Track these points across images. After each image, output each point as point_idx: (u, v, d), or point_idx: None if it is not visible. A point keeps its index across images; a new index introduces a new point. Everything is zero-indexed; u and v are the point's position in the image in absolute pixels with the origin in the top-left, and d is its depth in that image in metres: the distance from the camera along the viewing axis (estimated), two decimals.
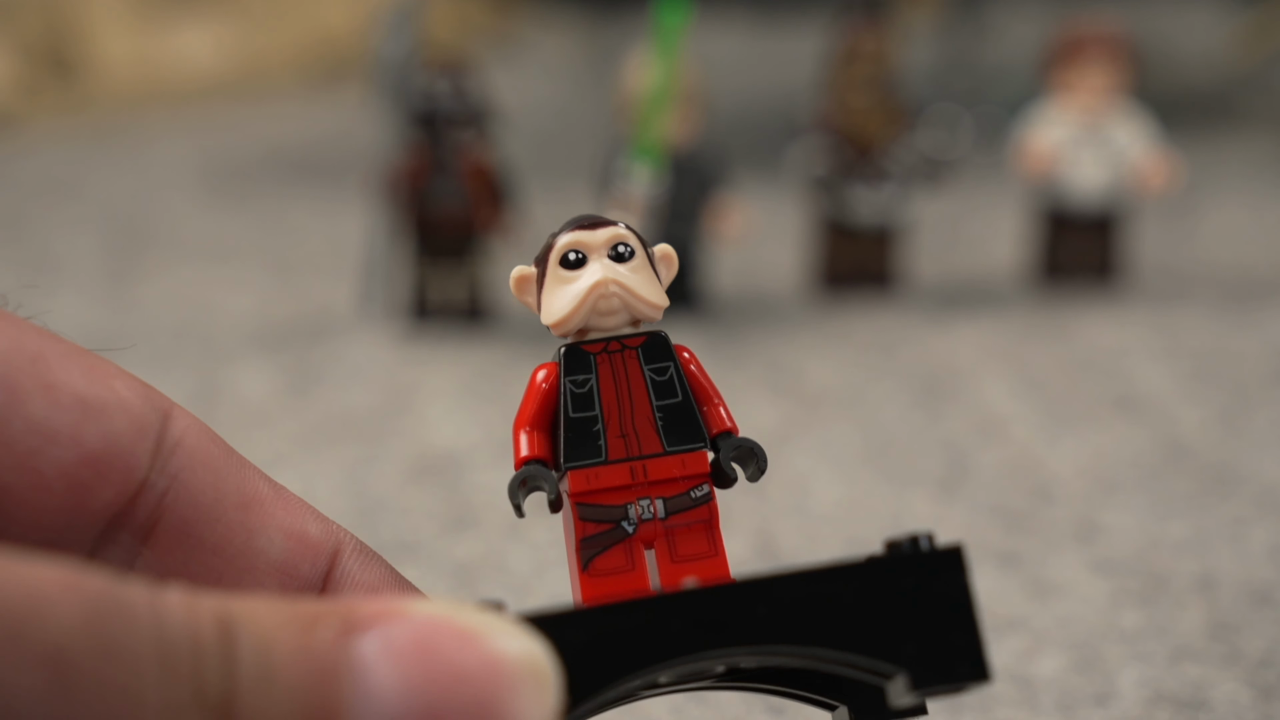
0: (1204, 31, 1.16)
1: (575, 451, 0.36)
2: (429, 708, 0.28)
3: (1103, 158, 0.74)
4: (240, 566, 0.35)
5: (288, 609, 0.29)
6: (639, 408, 0.36)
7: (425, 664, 0.28)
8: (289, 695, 0.28)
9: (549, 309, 0.36)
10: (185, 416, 0.35)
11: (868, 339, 0.70)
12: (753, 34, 1.10)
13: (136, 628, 0.28)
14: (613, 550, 0.36)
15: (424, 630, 0.29)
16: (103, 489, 0.34)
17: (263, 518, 0.36)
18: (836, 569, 0.32)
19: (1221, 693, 0.45)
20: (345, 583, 0.36)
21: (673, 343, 0.37)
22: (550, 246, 0.36)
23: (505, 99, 0.89)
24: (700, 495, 0.36)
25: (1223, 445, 0.60)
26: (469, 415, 0.62)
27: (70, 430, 0.33)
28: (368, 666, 0.28)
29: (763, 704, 0.44)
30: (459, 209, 0.70)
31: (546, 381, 0.36)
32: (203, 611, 0.28)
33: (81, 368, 0.34)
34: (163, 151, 0.94)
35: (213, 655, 0.28)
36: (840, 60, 0.73)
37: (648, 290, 0.36)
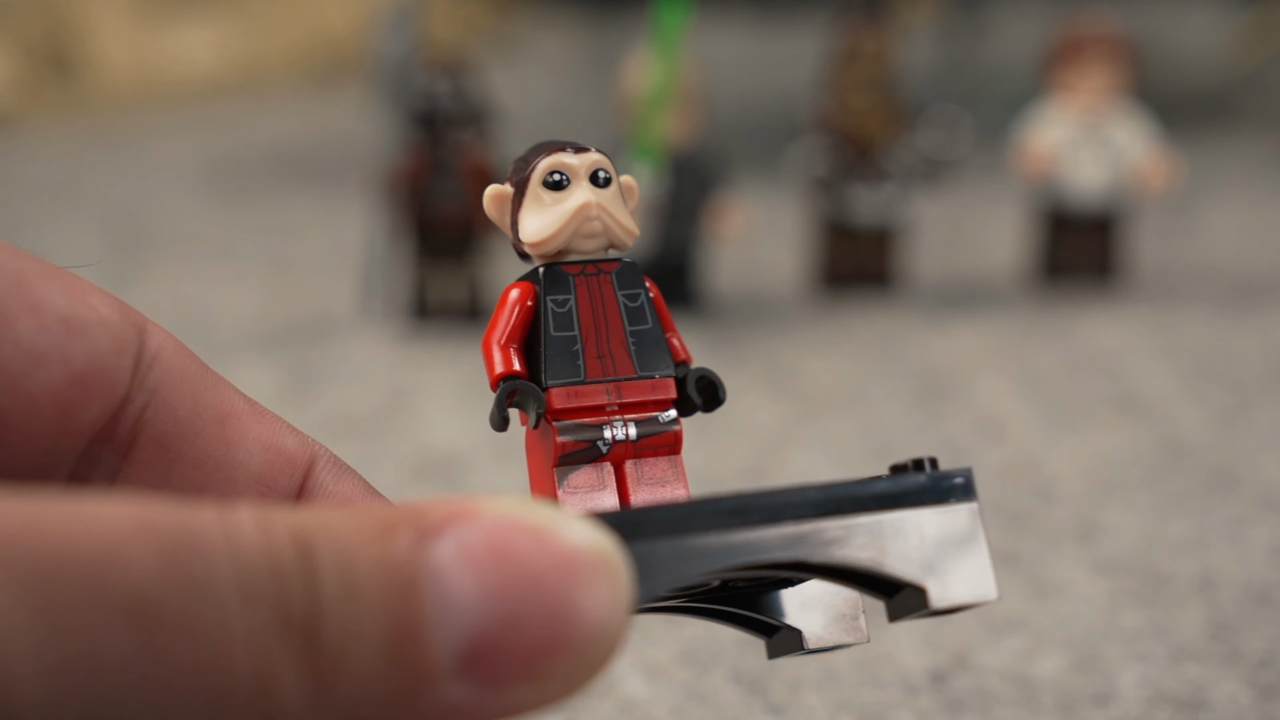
0: (1204, 31, 1.16)
1: (556, 370, 0.37)
2: (508, 613, 0.28)
3: (1103, 158, 0.74)
4: (220, 479, 0.36)
5: (361, 518, 0.29)
6: (614, 331, 0.38)
7: (501, 567, 0.28)
8: (373, 611, 0.28)
9: (531, 228, 0.37)
10: (159, 332, 0.35)
11: (868, 339, 0.70)
12: (752, 34, 1.10)
13: (215, 560, 0.28)
14: (585, 469, 0.37)
15: (497, 531, 0.29)
16: (88, 407, 0.34)
17: (240, 431, 0.36)
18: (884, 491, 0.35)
19: (1221, 693, 0.45)
20: (319, 493, 0.36)
21: (637, 265, 0.38)
22: (529, 165, 0.37)
23: (505, 99, 0.89)
24: (667, 421, 0.37)
25: (1223, 445, 0.60)
26: (469, 415, 0.62)
27: (57, 351, 0.33)
28: (445, 573, 0.28)
29: (763, 704, 0.44)
30: (459, 209, 0.70)
31: (520, 297, 0.37)
32: (278, 531, 0.28)
33: (61, 286, 0.34)
34: (163, 151, 0.94)
35: (294, 577, 0.28)
36: (840, 60, 0.73)
37: (625, 217, 0.37)
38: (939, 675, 0.45)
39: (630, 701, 0.43)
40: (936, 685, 0.45)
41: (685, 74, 0.69)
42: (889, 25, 0.73)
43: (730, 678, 0.45)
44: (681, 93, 0.69)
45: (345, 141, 0.96)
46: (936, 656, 0.46)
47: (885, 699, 0.44)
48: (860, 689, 0.45)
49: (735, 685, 0.45)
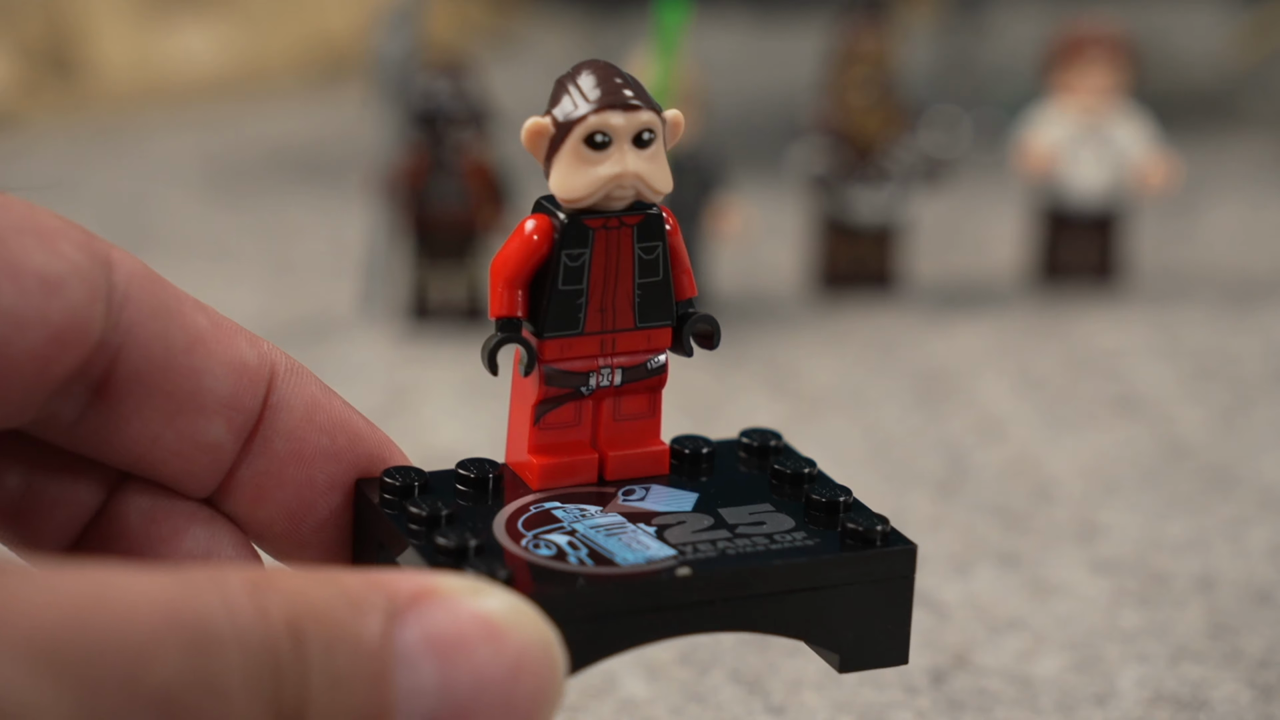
0: (1204, 31, 1.16)
1: (556, 323, 0.37)
2: (461, 707, 0.31)
3: (1103, 158, 0.74)
4: (190, 407, 0.36)
5: (335, 593, 0.31)
6: (622, 283, 0.38)
7: (457, 663, 0.31)
8: (352, 700, 0.30)
9: (564, 183, 0.37)
10: (125, 261, 0.35)
11: (868, 339, 0.70)
12: (753, 34, 1.10)
13: (227, 658, 0.29)
14: (565, 407, 0.38)
15: (455, 625, 0.31)
16: (64, 359, 0.34)
17: (207, 356, 0.36)
18: (797, 567, 0.36)
19: (1221, 693, 0.45)
20: (283, 407, 0.37)
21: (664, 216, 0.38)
22: (576, 116, 0.37)
23: (505, 99, 0.89)
24: (656, 366, 0.39)
25: (1223, 445, 0.60)
26: (469, 415, 0.62)
27: (37, 313, 0.33)
28: (411, 660, 0.31)
29: (763, 704, 0.44)
30: (459, 209, 0.70)
31: (536, 235, 0.37)
32: (274, 617, 0.30)
33: (36, 238, 0.34)
34: (163, 151, 0.94)
35: (290, 668, 0.30)
36: (840, 60, 0.73)
37: (658, 179, 0.37)
38: (939, 675, 0.45)
39: (630, 701, 0.43)
40: (936, 685, 0.45)
41: (685, 74, 0.69)
42: (889, 25, 0.73)
43: (730, 678, 0.45)
44: (681, 92, 0.69)
45: (346, 141, 0.96)
46: (936, 656, 0.46)
47: (885, 699, 0.44)
48: (860, 689, 0.45)
49: (735, 685, 0.45)
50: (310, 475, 0.38)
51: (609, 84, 0.37)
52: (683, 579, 0.35)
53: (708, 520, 0.38)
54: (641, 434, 0.39)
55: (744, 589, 0.36)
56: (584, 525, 0.37)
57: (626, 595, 0.35)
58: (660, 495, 0.39)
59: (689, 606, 0.36)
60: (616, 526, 0.37)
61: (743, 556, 0.36)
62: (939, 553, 0.52)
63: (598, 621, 0.35)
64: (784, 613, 0.37)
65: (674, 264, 0.38)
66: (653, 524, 0.37)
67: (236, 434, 0.37)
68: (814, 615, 0.37)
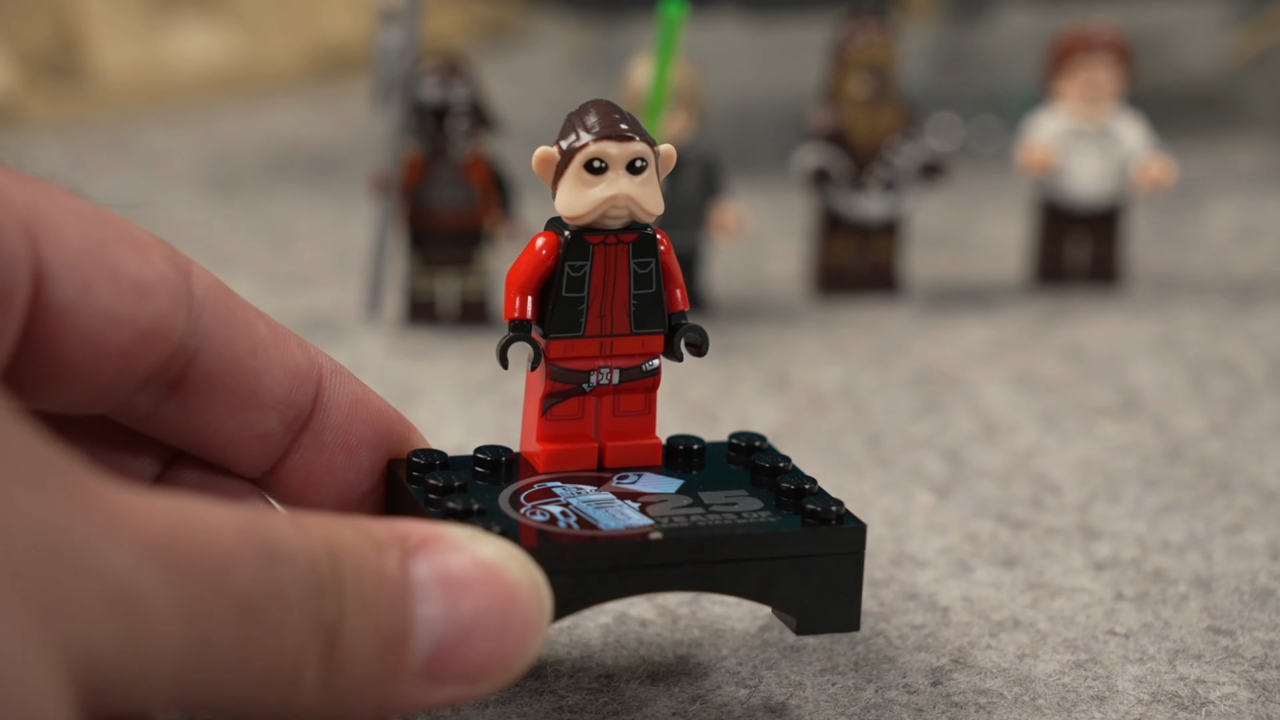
0: (1205, 32, 1.16)
1: (560, 325, 0.44)
2: (464, 631, 0.36)
3: (1103, 158, 0.74)
4: (251, 404, 0.42)
5: (360, 533, 0.36)
6: (619, 294, 0.44)
7: (461, 596, 0.36)
8: (377, 617, 0.36)
9: (566, 203, 0.43)
10: (202, 274, 0.41)
11: (868, 339, 0.70)
12: (754, 34, 1.10)
13: (289, 572, 0.35)
14: (569, 401, 0.45)
15: (459, 561, 0.37)
16: (147, 358, 0.39)
17: (267, 360, 0.42)
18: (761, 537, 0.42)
19: (1220, 692, 0.45)
20: (330, 405, 0.43)
21: (657, 236, 0.44)
22: (578, 145, 0.43)
23: (507, 96, 0.89)
24: (650, 369, 0.45)
25: (1222, 445, 0.60)
26: (470, 416, 0.62)
27: (129, 313, 0.38)
28: (423, 593, 0.36)
29: (763, 704, 0.44)
30: (460, 208, 0.70)
31: (544, 249, 0.43)
32: (316, 545, 0.35)
33: (133, 248, 0.38)
34: (164, 152, 0.94)
35: (330, 586, 0.35)
36: (841, 62, 0.73)
37: (650, 201, 0.43)
38: (939, 675, 0.45)
39: (630, 701, 0.44)
40: (936, 685, 0.45)
41: (684, 74, 0.69)
42: (891, 29, 0.73)
43: (730, 678, 0.45)
44: (681, 93, 0.69)
45: (348, 142, 0.96)
46: (936, 656, 0.46)
47: (885, 699, 0.44)
48: (860, 689, 0.45)
49: (735, 685, 0.45)
50: (356, 462, 0.44)
51: (608, 119, 0.43)
52: (654, 541, 0.41)
53: (687, 500, 0.43)
54: (638, 428, 0.45)
55: (710, 554, 0.42)
56: (578, 500, 0.43)
57: (604, 554, 0.41)
58: (650, 481, 0.45)
59: (660, 567, 0.41)
60: (605, 501, 0.43)
61: (710, 527, 0.42)
62: (939, 553, 0.52)
63: (580, 575, 0.41)
64: (746, 577, 0.42)
65: (667, 279, 0.44)
66: (638, 501, 0.43)
67: (288, 427, 0.42)
68: (774, 582, 0.42)
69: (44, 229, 0.37)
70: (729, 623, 0.47)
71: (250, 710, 0.35)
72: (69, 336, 0.37)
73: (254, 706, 0.35)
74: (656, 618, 0.48)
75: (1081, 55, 0.73)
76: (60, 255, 0.37)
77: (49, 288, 0.37)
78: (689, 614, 0.48)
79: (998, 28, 1.06)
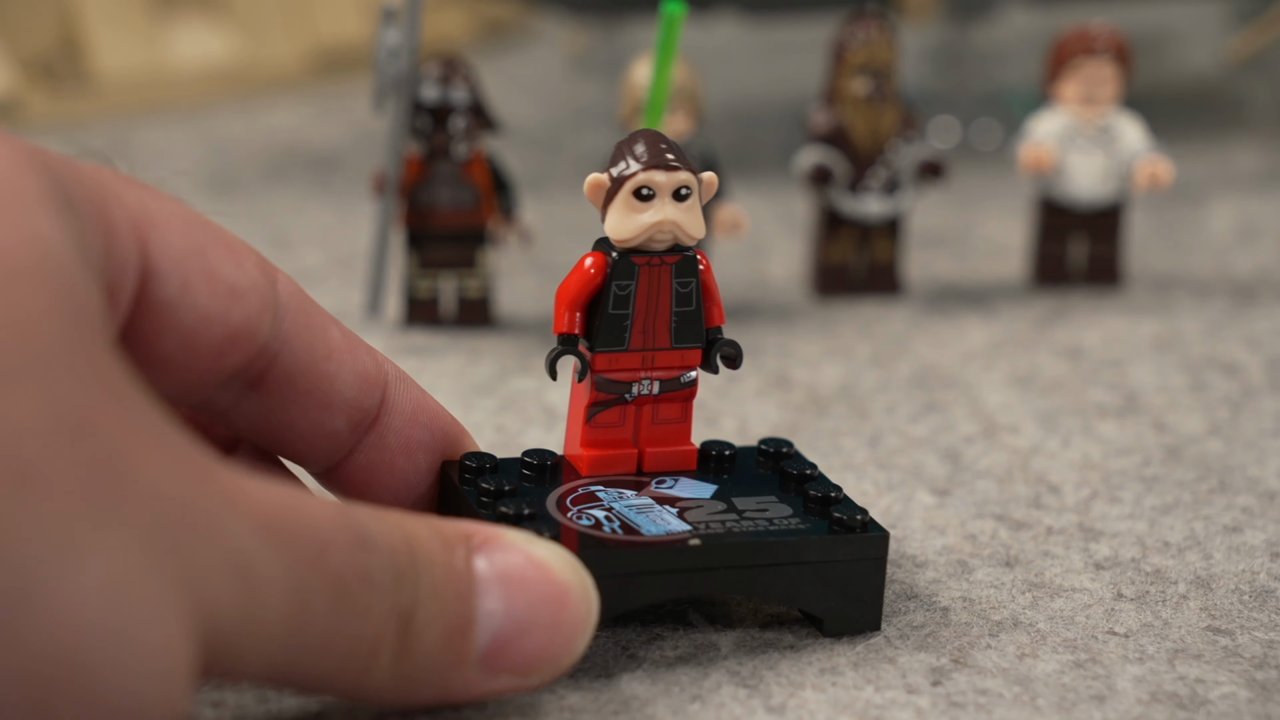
0: (1205, 32, 1.16)
1: (605, 340, 0.47)
2: (520, 624, 0.40)
3: (1104, 158, 0.74)
4: (322, 405, 0.44)
5: (430, 526, 0.40)
6: (661, 312, 0.47)
7: (518, 593, 0.40)
8: (445, 607, 0.39)
9: (616, 227, 0.46)
10: (285, 280, 0.43)
11: (868, 339, 0.70)
12: (754, 34, 1.10)
13: (377, 557, 0.38)
14: (611, 409, 0.47)
15: (517, 560, 0.40)
16: (234, 356, 0.42)
17: (340, 364, 0.44)
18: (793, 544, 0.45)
19: (1220, 692, 0.45)
20: (395, 409, 0.46)
21: (698, 258, 0.47)
22: (628, 172, 0.46)
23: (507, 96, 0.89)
24: (687, 380, 0.48)
25: (1222, 445, 0.60)
26: (471, 416, 0.62)
27: (221, 313, 0.41)
28: (485, 588, 0.40)
29: (763, 704, 0.44)
30: (461, 208, 0.70)
31: (593, 269, 0.46)
32: (396, 536, 0.39)
33: (229, 253, 0.41)
34: (164, 152, 0.94)
35: (406, 575, 0.38)
36: (842, 62, 0.73)
37: (693, 226, 0.46)
38: (939, 675, 0.45)
39: (630, 701, 0.44)
40: (936, 685, 0.45)
41: (684, 74, 0.69)
42: (892, 30, 0.73)
43: (730, 678, 0.45)
44: (680, 93, 0.69)
45: (348, 141, 0.96)
46: (936, 656, 0.46)
47: (885, 699, 0.44)
48: (860, 689, 0.45)
49: (735, 685, 0.45)
50: (415, 463, 0.47)
51: (655, 149, 0.46)
52: (694, 548, 0.44)
53: (721, 506, 0.47)
54: (675, 435, 0.48)
55: (745, 559, 0.45)
56: (620, 504, 0.46)
57: (648, 558, 0.44)
58: (686, 485, 0.48)
59: (699, 571, 0.44)
60: (646, 506, 0.46)
61: (745, 534, 0.45)
62: (939, 553, 0.52)
63: (624, 578, 0.44)
64: (777, 582, 0.45)
65: (706, 297, 0.47)
66: (676, 506, 0.46)
67: (355, 428, 0.45)
68: (803, 585, 0.45)
69: (152, 230, 0.39)
70: (729, 623, 0.47)
71: (328, 686, 0.38)
72: (166, 332, 0.40)
73: (333, 683, 0.38)
74: (657, 618, 0.48)
75: (1082, 56, 0.73)
76: (165, 255, 0.39)
77: (153, 285, 0.39)
78: (689, 614, 0.48)
79: (998, 27, 1.06)
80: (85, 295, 0.36)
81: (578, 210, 0.80)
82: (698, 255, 0.47)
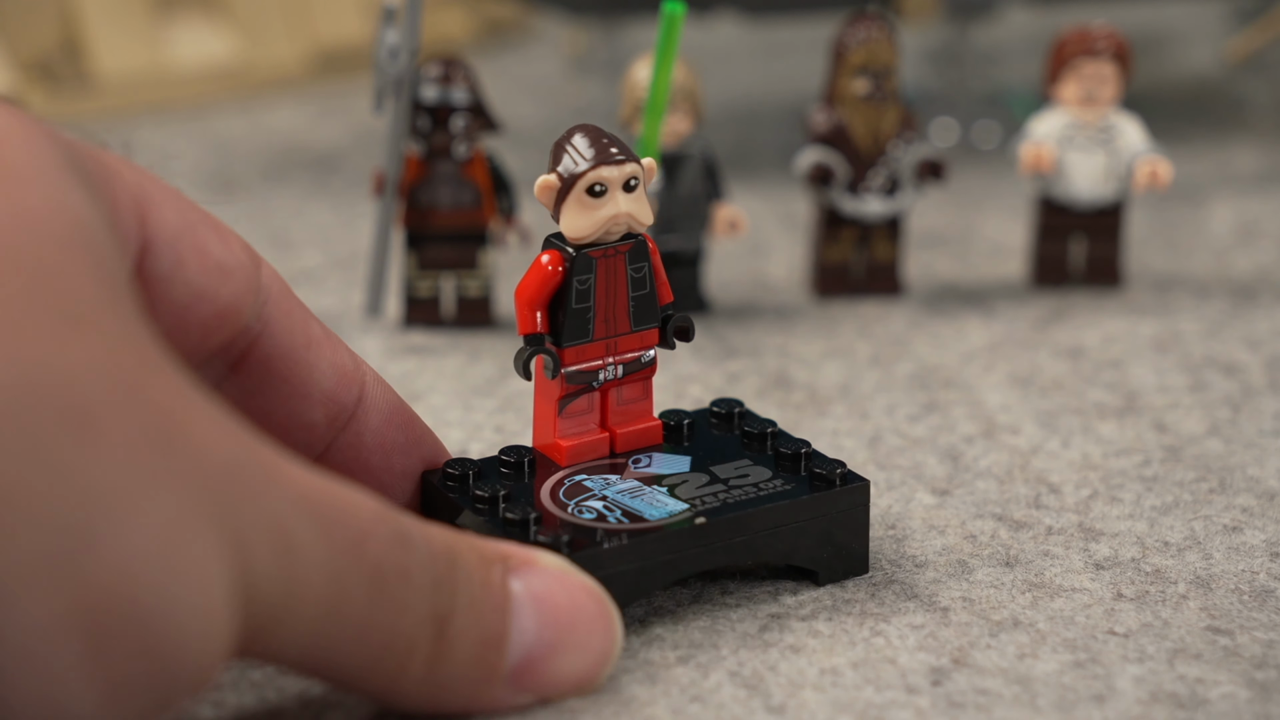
0: (1205, 32, 1.16)
1: (572, 334, 0.48)
2: (551, 645, 0.41)
3: (1104, 159, 0.74)
4: (300, 394, 0.45)
5: (469, 542, 0.41)
6: (619, 298, 0.48)
7: (549, 614, 0.41)
8: (481, 619, 0.40)
9: (572, 225, 0.47)
10: (268, 268, 0.44)
11: (868, 339, 0.70)
12: (755, 34, 1.10)
13: (416, 556, 0.39)
14: (580, 399, 0.49)
15: (550, 582, 0.42)
16: (220, 333, 0.42)
17: (319, 355, 0.45)
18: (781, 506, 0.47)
19: (1220, 692, 0.45)
20: (372, 408, 0.47)
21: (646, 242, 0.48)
22: (579, 171, 0.47)
23: (507, 96, 0.89)
24: (647, 360, 0.50)
25: (1222, 445, 0.60)
26: (471, 416, 0.62)
27: (211, 290, 0.41)
28: (519, 607, 0.41)
29: (763, 704, 0.44)
30: (461, 208, 0.70)
31: (551, 266, 0.48)
32: (438, 543, 0.40)
33: (216, 234, 0.42)
34: (164, 152, 0.94)
35: (445, 581, 0.39)
36: (842, 62, 0.73)
37: (644, 214, 0.48)
38: (939, 675, 0.45)
39: (630, 701, 0.44)
40: (936, 685, 0.45)
41: (684, 74, 0.69)
42: (892, 30, 0.73)
43: (730, 678, 0.45)
44: (680, 93, 0.69)
45: (348, 141, 0.96)
46: (936, 656, 0.46)
47: (885, 699, 0.44)
48: (860, 689, 0.45)
49: (735, 685, 0.45)
50: (389, 463, 0.47)
51: (599, 144, 0.47)
52: (701, 526, 0.46)
53: (705, 478, 0.48)
54: (639, 414, 0.50)
55: (745, 529, 0.47)
56: (611, 491, 0.48)
57: (660, 543, 0.46)
58: (662, 461, 0.49)
59: (704, 548, 0.46)
60: (636, 490, 0.48)
61: (741, 504, 0.47)
62: (939, 553, 0.52)
63: (639, 565, 0.45)
64: (773, 543, 0.47)
65: (656, 278, 0.49)
66: (664, 485, 0.48)
67: (331, 422, 0.46)
68: (796, 542, 0.48)
69: (150, 207, 0.40)
70: (729, 623, 0.48)
71: (361, 683, 0.39)
72: (160, 306, 0.40)
73: (366, 679, 0.39)
74: (656, 618, 0.48)
75: (1082, 57, 0.73)
76: (161, 232, 0.41)
77: (149, 260, 0.40)
78: (689, 614, 0.48)
79: (998, 27, 1.06)
80: (115, 261, 0.37)
81: None
82: (646, 240, 0.48)
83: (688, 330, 0.50)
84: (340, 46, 1.07)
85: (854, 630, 0.47)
